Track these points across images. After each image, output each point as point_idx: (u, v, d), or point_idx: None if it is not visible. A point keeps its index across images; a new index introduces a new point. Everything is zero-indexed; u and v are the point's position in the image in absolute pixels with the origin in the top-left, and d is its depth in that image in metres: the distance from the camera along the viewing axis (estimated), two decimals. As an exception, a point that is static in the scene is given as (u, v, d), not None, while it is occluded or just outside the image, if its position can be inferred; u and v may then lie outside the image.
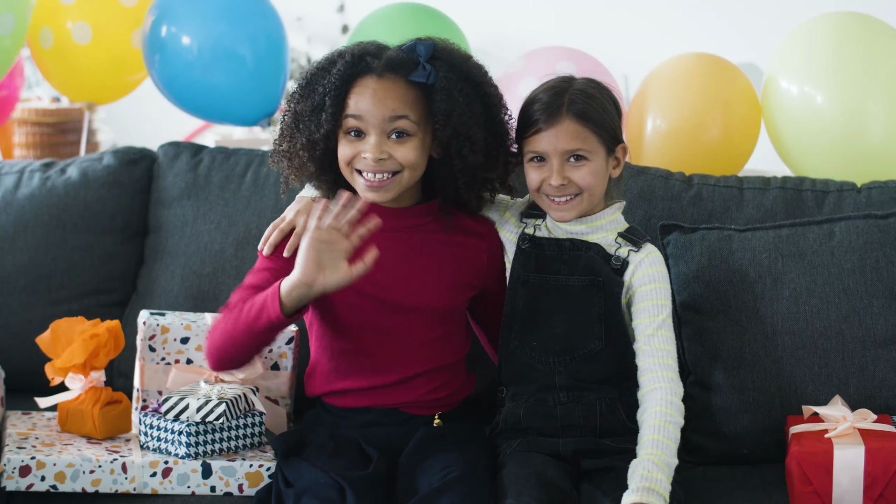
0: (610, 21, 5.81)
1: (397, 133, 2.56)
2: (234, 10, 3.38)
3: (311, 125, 2.58)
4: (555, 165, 2.60)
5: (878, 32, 3.15)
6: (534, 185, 2.63)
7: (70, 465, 2.54)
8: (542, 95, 2.63)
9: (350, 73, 2.57)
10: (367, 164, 2.56)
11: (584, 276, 2.62)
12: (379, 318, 2.62)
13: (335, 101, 2.56)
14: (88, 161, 3.18)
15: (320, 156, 2.61)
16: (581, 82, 2.65)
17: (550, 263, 2.65)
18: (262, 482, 2.58)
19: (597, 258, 2.63)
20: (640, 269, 2.62)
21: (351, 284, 2.50)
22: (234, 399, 2.62)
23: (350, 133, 2.58)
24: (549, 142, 2.60)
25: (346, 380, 2.64)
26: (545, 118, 2.60)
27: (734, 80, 3.23)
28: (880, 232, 2.81)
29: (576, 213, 2.64)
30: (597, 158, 2.61)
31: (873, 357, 2.74)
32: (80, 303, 3.07)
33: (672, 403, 2.53)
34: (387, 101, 2.55)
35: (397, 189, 2.59)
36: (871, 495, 2.48)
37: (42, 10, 3.53)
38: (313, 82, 2.60)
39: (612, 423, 2.59)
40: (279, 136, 2.65)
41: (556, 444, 2.57)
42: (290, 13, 4.87)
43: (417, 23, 3.34)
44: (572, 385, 2.61)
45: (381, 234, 2.55)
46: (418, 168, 2.60)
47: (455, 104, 2.57)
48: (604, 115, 2.62)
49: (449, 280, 2.64)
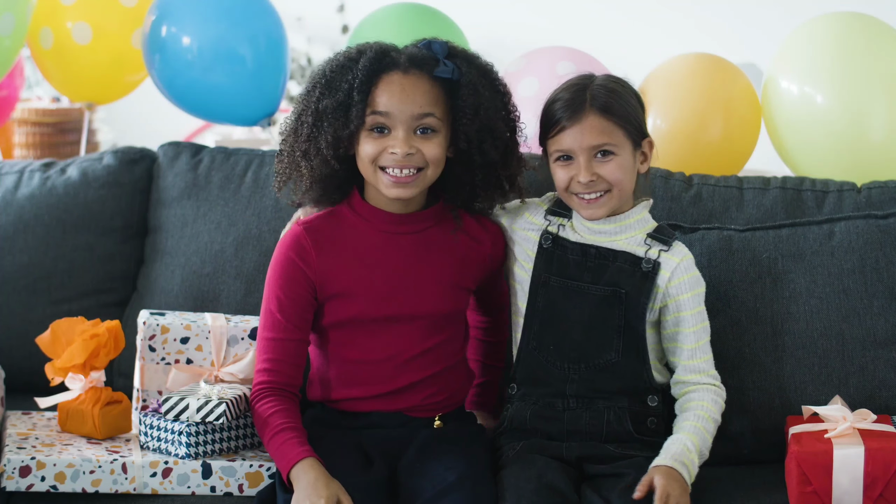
0: (610, 21, 5.81)
1: (423, 130, 2.55)
2: (234, 10, 3.37)
3: (336, 122, 2.55)
4: (582, 162, 2.58)
5: (878, 32, 3.15)
6: (562, 184, 2.61)
7: (70, 465, 2.54)
8: (563, 94, 2.62)
9: (375, 69, 2.55)
10: (395, 160, 2.54)
11: (608, 287, 2.60)
12: (382, 328, 2.60)
13: (363, 96, 2.54)
14: (88, 161, 3.18)
15: (343, 153, 2.58)
16: (602, 78, 2.64)
17: (573, 268, 2.63)
18: (263, 482, 2.58)
19: (624, 266, 2.60)
20: (675, 275, 2.59)
21: (356, 294, 2.55)
22: (235, 399, 2.62)
23: (374, 130, 2.56)
24: (574, 138, 2.58)
25: (349, 388, 2.61)
26: (569, 115, 2.58)
27: (734, 80, 3.23)
28: (880, 232, 2.81)
29: (606, 211, 2.61)
30: (624, 153, 2.59)
31: (873, 357, 2.74)
32: (80, 303, 3.07)
33: (716, 403, 2.58)
34: (415, 97, 2.54)
35: (420, 186, 2.57)
36: (871, 495, 2.48)
37: (42, 10, 3.53)
38: (336, 79, 2.57)
39: (618, 432, 2.58)
40: (294, 137, 2.60)
41: (560, 448, 2.56)
42: (290, 13, 4.86)
43: (417, 23, 3.34)
44: (583, 394, 2.60)
45: (387, 238, 2.58)
46: (440, 165, 2.58)
47: (482, 98, 2.57)
48: (627, 108, 2.60)
49: (450, 284, 2.63)
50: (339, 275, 2.60)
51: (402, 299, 2.60)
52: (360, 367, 2.61)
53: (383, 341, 2.60)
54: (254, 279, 2.97)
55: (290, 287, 2.59)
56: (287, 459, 2.46)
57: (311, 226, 2.63)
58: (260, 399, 2.56)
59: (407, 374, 2.60)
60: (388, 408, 2.61)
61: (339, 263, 2.60)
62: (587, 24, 5.76)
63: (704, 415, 2.55)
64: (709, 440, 2.54)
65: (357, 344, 2.61)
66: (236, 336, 2.75)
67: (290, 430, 2.50)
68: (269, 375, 2.58)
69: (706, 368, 2.60)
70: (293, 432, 2.50)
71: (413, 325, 2.60)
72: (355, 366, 2.62)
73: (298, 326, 2.59)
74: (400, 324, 2.60)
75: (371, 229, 2.62)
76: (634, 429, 2.57)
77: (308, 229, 2.62)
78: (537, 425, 2.60)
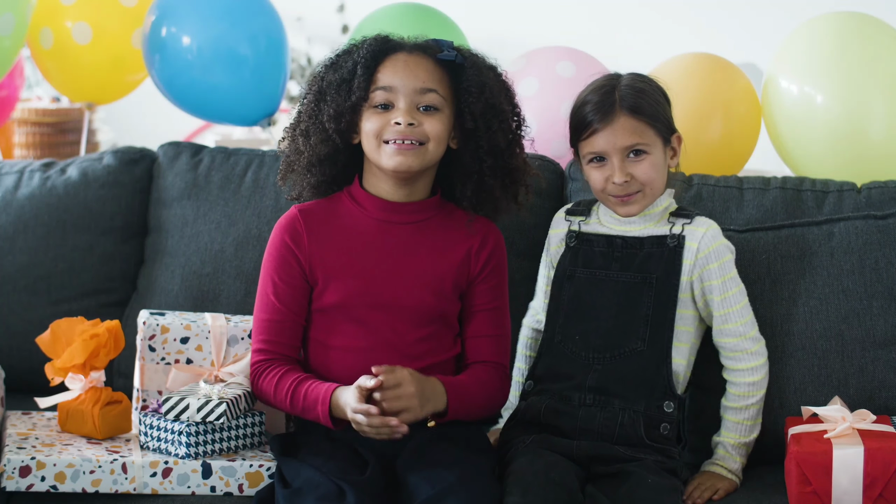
0: (610, 21, 5.81)
1: (425, 107, 2.59)
2: (234, 10, 3.38)
3: (339, 97, 2.60)
4: (616, 163, 2.63)
5: (878, 32, 3.15)
6: (598, 185, 2.66)
7: (70, 465, 2.54)
8: (591, 96, 2.66)
9: (381, 48, 2.61)
10: (398, 131, 2.57)
11: (638, 274, 2.64)
12: (365, 316, 2.61)
13: (366, 71, 2.59)
14: (88, 161, 3.18)
15: (345, 129, 2.61)
16: (628, 77, 2.69)
17: (600, 259, 2.67)
18: (262, 482, 2.58)
19: (652, 251, 2.64)
20: (703, 245, 2.64)
21: (340, 279, 2.59)
22: (235, 399, 2.62)
23: (378, 107, 2.59)
24: (607, 140, 2.62)
25: (331, 378, 2.61)
26: (600, 118, 2.63)
27: (734, 80, 3.23)
28: (880, 232, 2.81)
29: (641, 208, 2.67)
30: (655, 151, 2.65)
31: (872, 358, 2.74)
32: (80, 303, 3.07)
33: (753, 384, 2.65)
34: (418, 72, 2.59)
35: (421, 159, 2.59)
36: (871, 495, 2.48)
37: (42, 10, 3.53)
38: (340, 60, 2.64)
39: (629, 435, 2.58)
40: (297, 120, 2.66)
41: (570, 446, 2.57)
42: (290, 13, 4.86)
43: (417, 23, 3.34)
44: (602, 388, 2.61)
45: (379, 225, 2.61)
46: (442, 144, 2.61)
47: (486, 79, 2.62)
48: (656, 106, 2.66)
49: (437, 278, 2.63)
50: (327, 259, 2.62)
51: (385, 289, 2.61)
52: (342, 356, 2.62)
53: (366, 331, 2.61)
54: (254, 279, 2.97)
55: (283, 270, 2.63)
56: (322, 402, 2.51)
57: (307, 209, 2.67)
58: (261, 374, 2.61)
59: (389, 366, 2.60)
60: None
61: (328, 248, 2.63)
62: (587, 24, 5.76)
63: (732, 405, 2.66)
64: (748, 423, 2.66)
65: (340, 331, 2.62)
66: (236, 336, 2.75)
67: (304, 381, 2.56)
68: (265, 354, 2.63)
69: (742, 332, 2.65)
70: (308, 381, 2.56)
71: (396, 317, 2.61)
72: (338, 353, 2.62)
73: (293, 310, 2.63)
74: (383, 314, 2.61)
75: (365, 216, 2.64)
76: (646, 434, 2.58)
77: (303, 212, 2.66)
78: (550, 420, 2.61)
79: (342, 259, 2.62)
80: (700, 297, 2.65)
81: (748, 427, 2.65)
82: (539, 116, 3.02)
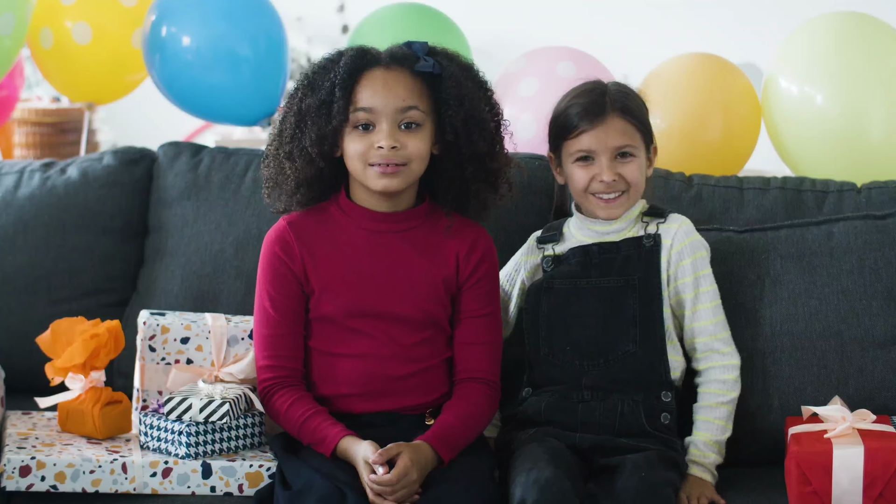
0: (610, 21, 5.81)
1: (407, 124, 2.57)
2: (234, 10, 3.38)
3: (319, 120, 2.57)
4: (605, 162, 2.63)
5: (878, 32, 3.15)
6: (581, 184, 2.65)
7: (70, 465, 2.54)
8: (578, 100, 2.66)
9: (357, 66, 2.58)
10: (382, 155, 2.55)
11: (619, 277, 2.63)
12: (360, 325, 2.61)
13: (344, 92, 2.56)
14: (88, 161, 3.18)
15: (328, 151, 2.59)
16: (613, 83, 2.71)
17: (578, 268, 2.66)
18: (262, 482, 2.58)
19: (630, 253, 2.64)
20: (676, 242, 2.64)
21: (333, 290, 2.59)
22: (235, 399, 2.62)
23: (358, 127, 2.57)
24: (598, 139, 2.63)
25: (332, 386, 2.62)
26: (590, 118, 2.63)
27: (734, 80, 3.23)
28: (879, 233, 2.81)
29: (623, 210, 2.66)
30: (641, 155, 2.66)
31: (872, 358, 2.74)
32: (80, 303, 3.07)
33: (724, 382, 2.63)
34: (398, 90, 2.56)
35: (406, 179, 2.58)
36: (871, 495, 2.48)
37: (42, 10, 3.53)
38: (317, 79, 2.60)
39: (631, 425, 2.59)
40: (279, 138, 2.63)
41: (572, 438, 2.58)
42: (290, 13, 4.86)
43: (417, 23, 3.34)
44: (599, 386, 2.62)
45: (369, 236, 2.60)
46: (424, 161, 2.60)
47: (465, 89, 2.59)
48: (643, 111, 2.68)
49: (430, 285, 2.62)
50: (319, 270, 2.62)
51: (379, 299, 2.60)
52: (341, 363, 2.62)
53: (364, 338, 2.61)
54: (254, 279, 2.95)
55: (278, 282, 2.63)
56: (329, 439, 2.52)
57: (295, 221, 2.65)
58: (272, 395, 2.60)
59: (387, 372, 2.60)
60: (374, 408, 2.61)
61: (320, 258, 2.62)
62: (587, 24, 5.76)
63: (704, 404, 2.63)
64: (720, 423, 2.62)
65: (338, 340, 2.62)
66: (236, 336, 2.75)
67: (316, 416, 2.55)
68: (273, 372, 2.61)
69: (713, 331, 2.65)
70: (319, 416, 2.55)
71: (392, 324, 2.61)
72: (337, 360, 2.62)
73: (292, 321, 2.62)
74: (379, 322, 2.60)
75: (354, 227, 2.63)
76: (648, 423, 2.58)
77: (292, 224, 2.65)
78: (551, 416, 2.62)
79: (335, 269, 2.62)
80: (673, 294, 2.65)
81: (720, 427, 2.63)
82: (539, 116, 3.02)
